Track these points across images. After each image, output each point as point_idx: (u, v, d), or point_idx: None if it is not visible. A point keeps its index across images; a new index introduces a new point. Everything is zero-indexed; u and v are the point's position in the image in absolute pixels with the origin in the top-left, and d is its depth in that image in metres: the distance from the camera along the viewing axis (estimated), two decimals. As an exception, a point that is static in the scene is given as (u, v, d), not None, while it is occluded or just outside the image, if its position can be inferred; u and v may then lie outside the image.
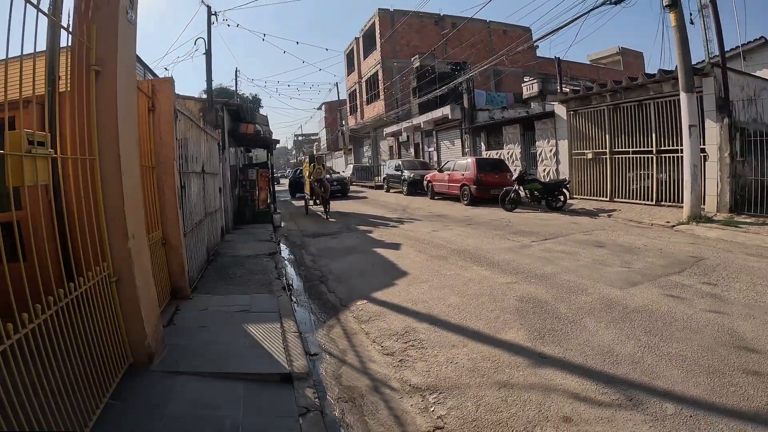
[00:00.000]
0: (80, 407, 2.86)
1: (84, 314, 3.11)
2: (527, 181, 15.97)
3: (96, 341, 3.27)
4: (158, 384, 3.77)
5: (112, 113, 3.68)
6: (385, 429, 3.43)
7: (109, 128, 3.67)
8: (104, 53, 3.64)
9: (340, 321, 5.79)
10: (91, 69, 3.55)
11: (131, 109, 4.11)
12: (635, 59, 44.81)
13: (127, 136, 3.86)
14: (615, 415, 3.34)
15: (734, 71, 13.58)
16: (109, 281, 3.64)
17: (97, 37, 3.59)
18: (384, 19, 38.73)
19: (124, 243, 3.76)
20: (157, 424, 3.22)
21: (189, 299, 6.11)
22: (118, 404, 3.36)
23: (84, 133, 3.43)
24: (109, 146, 3.68)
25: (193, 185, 7.53)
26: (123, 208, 3.73)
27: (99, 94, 3.63)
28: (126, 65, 3.90)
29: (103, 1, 3.64)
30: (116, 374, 3.60)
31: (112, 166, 3.69)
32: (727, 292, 5.89)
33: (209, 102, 13.66)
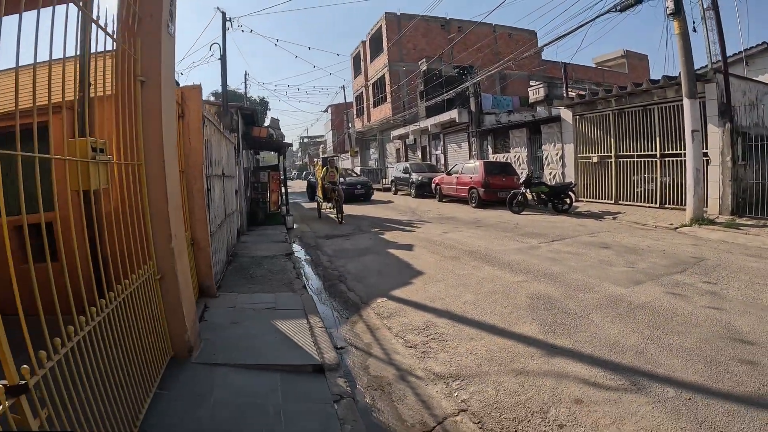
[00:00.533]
0: (133, 396, 3.09)
1: (134, 310, 3.35)
2: (534, 184, 16.20)
3: (144, 335, 3.51)
4: (200, 375, 4.04)
5: (156, 121, 3.95)
6: (413, 412, 3.71)
7: (155, 135, 3.94)
8: (148, 64, 3.90)
9: (362, 317, 6.06)
10: (137, 79, 3.81)
11: (172, 116, 4.38)
12: (640, 62, 44.79)
13: (169, 142, 4.13)
14: (621, 397, 3.65)
15: (736, 77, 13.78)
16: (154, 279, 3.89)
17: (142, 49, 3.85)
18: (391, 23, 38.91)
19: (167, 243, 4.03)
20: (204, 410, 3.49)
21: (216, 297, 6.38)
22: (165, 393, 3.62)
23: (129, 140, 3.64)
24: (155, 152, 3.94)
25: (216, 188, 7.81)
26: (167, 210, 3.99)
27: (144, 103, 3.88)
28: (167, 76, 4.16)
29: (147, 15, 3.89)
30: (161, 366, 3.85)
31: (157, 171, 3.95)
32: (726, 290, 6.15)
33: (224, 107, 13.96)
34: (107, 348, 2.80)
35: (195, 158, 6.09)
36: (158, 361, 3.80)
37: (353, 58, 49.62)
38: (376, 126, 42.88)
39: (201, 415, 3.42)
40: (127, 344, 3.13)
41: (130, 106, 3.65)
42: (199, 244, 6.20)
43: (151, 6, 3.91)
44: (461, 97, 27.28)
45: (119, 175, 3.52)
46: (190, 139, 6.06)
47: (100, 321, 2.75)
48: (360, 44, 46.37)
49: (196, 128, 6.13)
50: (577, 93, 19.05)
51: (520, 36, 40.61)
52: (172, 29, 4.25)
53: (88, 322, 2.61)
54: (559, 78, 27.42)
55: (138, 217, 3.66)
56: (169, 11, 4.18)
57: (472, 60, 33.88)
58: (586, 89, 20.86)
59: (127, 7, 3.62)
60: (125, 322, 3.15)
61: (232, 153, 11.33)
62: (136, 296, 3.42)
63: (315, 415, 3.56)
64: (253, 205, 15.77)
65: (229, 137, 10.68)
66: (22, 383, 1.90)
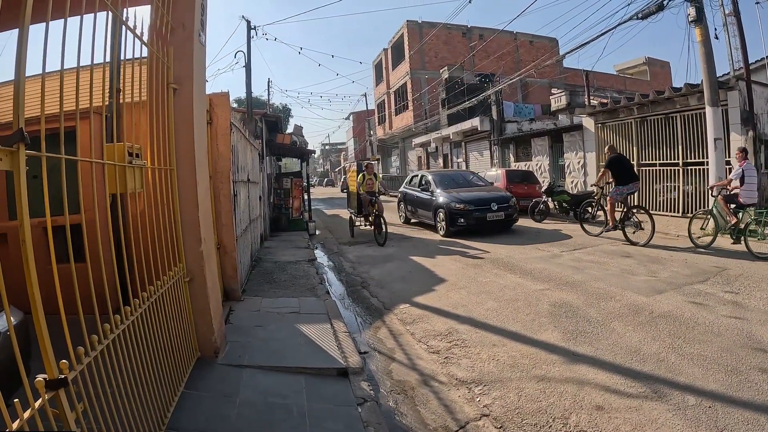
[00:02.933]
0: (162, 395, 3.18)
1: (164, 310, 3.44)
2: (556, 192, 16.16)
3: (173, 335, 3.60)
4: (226, 375, 4.13)
5: (188, 128, 4.06)
6: (436, 416, 3.76)
7: (186, 141, 4.05)
8: (180, 72, 4.02)
9: (385, 323, 6.13)
10: (170, 86, 3.92)
11: (203, 123, 4.49)
12: (662, 69, 44.39)
13: (200, 148, 4.24)
14: (642, 404, 3.66)
15: (759, 84, 13.66)
16: (183, 281, 3.99)
17: (174, 57, 3.96)
18: (412, 31, 39.13)
19: (197, 246, 4.13)
20: (231, 409, 3.57)
21: (240, 301, 6.48)
22: (193, 393, 3.71)
23: (162, 146, 3.73)
24: (187, 158, 4.05)
25: (242, 193, 7.94)
26: (197, 214, 4.10)
27: (176, 109, 3.99)
28: (199, 84, 4.27)
29: (179, 24, 4.01)
30: (188, 366, 3.94)
31: (189, 176, 4.06)
32: (748, 300, 6.11)
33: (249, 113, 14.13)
34: (138, 347, 2.88)
35: (222, 164, 6.21)
36: (186, 362, 3.88)
37: (375, 66, 49.93)
38: (398, 134, 43.05)
39: (228, 414, 3.50)
40: (156, 344, 3.21)
41: (163, 113, 3.74)
42: (226, 248, 6.31)
43: (183, 16, 4.03)
44: (483, 105, 27.29)
45: (152, 179, 3.60)
46: (218, 145, 6.18)
47: (133, 320, 2.84)
48: (381, 52, 46.67)
49: (224, 134, 6.25)
50: (599, 101, 19.00)
51: (542, 44, 40.64)
52: (203, 38, 4.37)
53: (122, 321, 2.69)
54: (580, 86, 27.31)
55: (169, 220, 3.75)
56: (201, 21, 4.30)
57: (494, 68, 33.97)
58: (608, 97, 20.77)
59: (161, 16, 3.72)
60: (155, 322, 3.23)
61: (257, 159, 11.50)
62: (166, 297, 3.51)
63: (339, 417, 3.63)
64: (276, 211, 15.93)
65: (254, 143, 10.84)
66: (62, 377, 1.98)
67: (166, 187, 3.78)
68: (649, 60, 44.26)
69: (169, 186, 3.84)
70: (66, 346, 2.09)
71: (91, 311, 2.34)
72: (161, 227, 3.54)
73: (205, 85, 4.68)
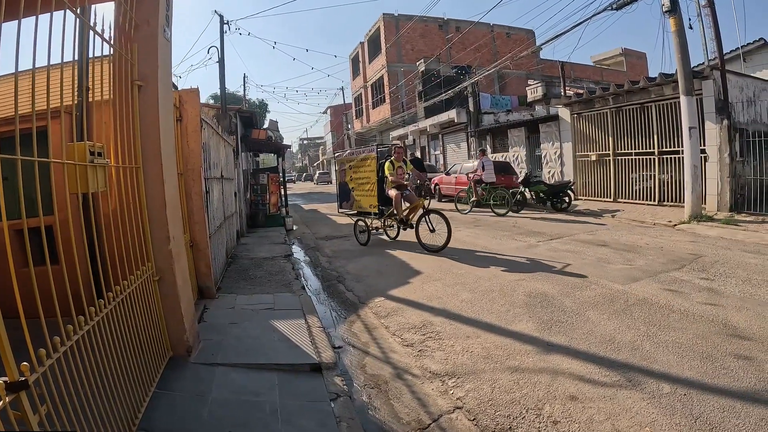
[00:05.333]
0: (132, 395, 3.14)
1: (132, 311, 3.39)
2: (533, 183, 16.28)
3: (143, 335, 3.56)
4: (199, 374, 4.09)
5: (154, 125, 4.01)
6: (409, 410, 3.75)
7: (153, 139, 3.99)
8: (145, 69, 3.96)
9: (360, 317, 6.11)
10: (134, 84, 3.86)
11: (170, 120, 4.44)
12: (638, 60, 44.87)
13: (167, 146, 4.18)
14: (616, 393, 3.68)
15: (733, 73, 13.86)
16: (152, 280, 3.95)
17: (139, 54, 3.90)
18: (389, 24, 39.06)
19: (165, 245, 4.08)
20: (203, 408, 3.54)
21: (215, 299, 6.43)
22: (165, 392, 3.67)
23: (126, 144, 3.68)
24: (153, 155, 3.99)
25: (215, 190, 7.86)
26: (165, 212, 4.05)
27: (142, 107, 3.93)
28: (164, 80, 4.22)
29: (144, 21, 3.95)
30: (160, 366, 3.90)
31: (156, 174, 4.00)
32: (724, 286, 6.19)
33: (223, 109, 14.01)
34: (106, 348, 2.84)
35: (193, 161, 6.15)
36: (157, 361, 3.85)
37: (351, 59, 49.82)
38: (375, 127, 43.03)
39: (199, 414, 3.47)
40: (125, 344, 3.17)
41: (128, 111, 3.69)
42: (198, 245, 6.26)
43: (147, 12, 3.97)
44: (459, 97, 27.38)
45: (117, 178, 3.55)
46: (189, 142, 6.12)
47: (99, 321, 2.80)
48: (358, 46, 46.58)
49: (194, 131, 6.18)
50: (574, 92, 19.13)
51: (518, 35, 40.86)
52: (168, 34, 4.31)
53: (86, 321, 2.66)
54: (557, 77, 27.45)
55: (136, 219, 3.71)
56: (166, 16, 4.23)
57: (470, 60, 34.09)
58: (584, 88, 20.91)
59: (124, 13, 3.67)
60: (124, 323, 3.19)
61: (231, 155, 11.40)
62: (134, 297, 3.47)
63: (312, 413, 3.62)
64: (253, 207, 15.84)
65: (228, 140, 10.75)
66: (22, 380, 1.95)
67: (133, 186, 3.73)
68: (625, 51, 44.70)
69: (135, 184, 3.79)
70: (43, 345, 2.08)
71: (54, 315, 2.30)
72: (128, 226, 3.49)
73: (171, 82, 4.62)
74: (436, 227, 9.36)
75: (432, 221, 9.47)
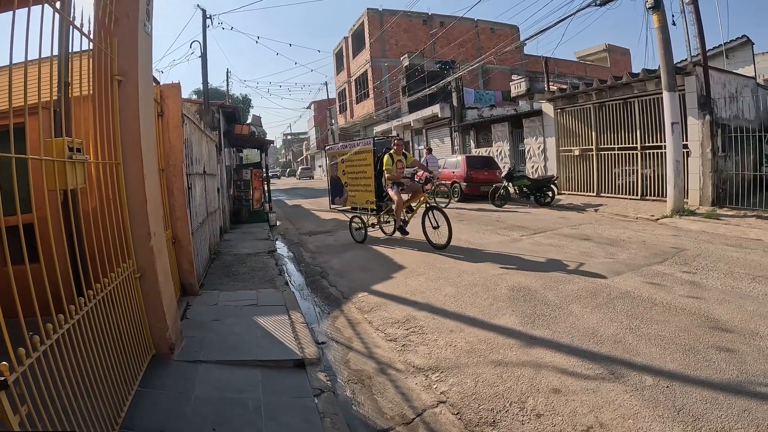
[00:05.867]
0: (114, 395, 3.11)
1: (113, 309, 3.36)
2: (516, 177, 16.33)
3: (125, 333, 3.53)
4: (182, 372, 4.07)
5: (134, 120, 3.96)
6: (393, 405, 3.76)
7: (133, 135, 3.95)
8: (125, 64, 3.90)
9: (343, 312, 6.11)
10: (114, 78, 3.81)
11: (150, 115, 4.39)
12: (622, 56, 45.26)
13: (147, 141, 4.14)
14: (599, 386, 3.71)
15: (716, 69, 14.03)
16: (133, 277, 3.91)
17: (119, 49, 3.85)
18: (373, 19, 38.99)
19: (146, 241, 4.04)
20: (187, 407, 3.51)
21: (198, 295, 6.39)
22: (148, 391, 3.64)
23: (106, 140, 3.65)
24: (133, 151, 3.95)
25: (197, 186, 7.81)
26: (146, 208, 4.00)
27: (122, 102, 3.88)
28: (145, 74, 4.17)
29: (124, 15, 3.89)
30: (142, 364, 3.87)
31: (136, 170, 3.96)
32: (705, 279, 6.27)
33: (205, 104, 13.91)
34: (87, 346, 2.81)
35: (175, 157, 6.10)
36: (140, 359, 3.81)
37: (336, 54, 49.69)
38: (359, 122, 42.98)
39: (183, 411, 3.44)
40: (107, 342, 3.13)
41: (107, 106, 3.65)
42: (181, 242, 6.21)
43: (127, 6, 3.91)
44: (443, 93, 27.39)
45: (97, 174, 3.51)
46: (170, 138, 6.07)
47: (79, 319, 2.77)
48: (342, 40, 46.49)
49: (175, 126, 6.13)
50: (558, 87, 19.20)
51: (502, 31, 40.92)
52: (149, 28, 4.26)
53: (66, 320, 2.62)
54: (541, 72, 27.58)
55: (116, 216, 3.67)
56: (146, 10, 4.18)
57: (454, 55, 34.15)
58: (567, 83, 21.03)
59: (104, 7, 3.62)
60: (105, 320, 3.15)
61: (214, 151, 11.33)
62: (115, 294, 3.43)
63: (296, 409, 3.61)
64: (236, 203, 15.76)
65: (211, 135, 10.68)
66: (2, 380, 1.93)
67: (113, 182, 3.69)
68: (609, 47, 45.12)
69: (115, 181, 3.75)
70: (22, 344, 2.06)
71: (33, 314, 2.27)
72: (108, 223, 3.45)
73: (151, 76, 4.58)
74: (438, 224, 9.05)
75: (434, 218, 9.14)
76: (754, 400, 3.34)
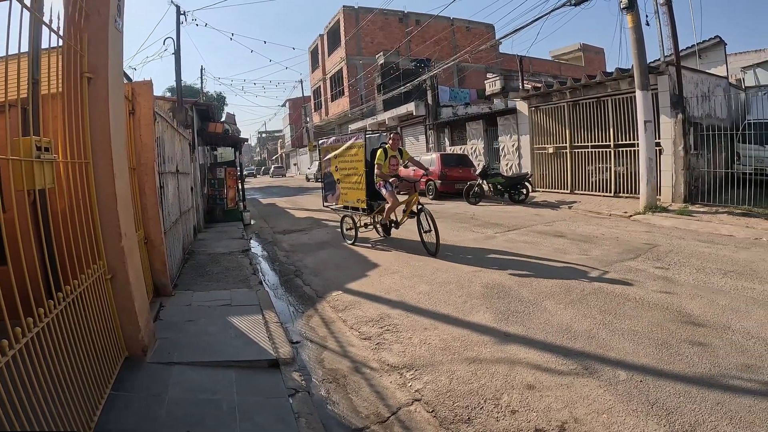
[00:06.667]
0: (86, 399, 3.06)
1: (84, 311, 3.30)
2: (490, 175, 16.45)
3: (96, 336, 3.47)
4: (155, 374, 4.02)
5: (104, 119, 3.89)
6: (368, 404, 3.76)
7: (102, 133, 3.88)
8: (95, 61, 3.83)
9: (317, 311, 6.10)
10: (84, 76, 3.75)
11: (120, 113, 4.32)
12: (596, 55, 45.75)
13: (118, 140, 4.07)
14: (573, 381, 3.76)
15: (689, 69, 14.28)
16: (104, 279, 3.84)
17: (89, 45, 3.79)
18: (348, 17, 38.94)
19: (117, 242, 3.97)
20: (160, 409, 3.47)
21: (172, 296, 6.31)
22: (121, 394, 3.59)
23: (75, 138, 3.58)
24: (103, 150, 3.88)
25: (170, 185, 7.71)
26: (116, 208, 3.94)
27: (91, 100, 3.81)
28: (115, 72, 4.10)
29: (94, 10, 3.82)
30: (115, 367, 3.81)
31: (106, 169, 3.89)
32: (678, 275, 6.38)
33: (179, 102, 13.75)
34: (57, 349, 2.77)
35: (147, 155, 6.01)
36: (112, 362, 3.76)
37: (311, 52, 49.58)
38: (334, 120, 42.93)
39: (157, 414, 3.40)
40: (78, 345, 3.09)
41: (77, 104, 3.58)
42: (153, 242, 6.13)
43: (98, 1, 3.85)
44: (418, 90, 27.45)
45: (66, 174, 3.46)
46: (141, 136, 5.98)
47: (49, 322, 2.72)
48: (318, 38, 46.42)
49: (147, 124, 6.05)
50: (532, 85, 19.37)
51: (479, 30, 41.12)
52: (120, 24, 4.19)
53: (36, 323, 2.58)
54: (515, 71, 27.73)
55: (86, 216, 3.61)
56: (117, 6, 4.12)
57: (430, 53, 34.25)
58: (542, 82, 21.20)
59: (74, 2, 3.56)
60: (75, 323, 3.10)
61: (187, 149, 11.20)
62: (86, 296, 3.37)
63: (270, 409, 3.59)
64: (211, 202, 15.59)
65: (184, 133, 10.56)
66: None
67: (82, 182, 3.63)
68: (583, 46, 45.58)
69: (85, 180, 3.69)
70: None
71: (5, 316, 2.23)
72: (77, 223, 3.40)
73: (122, 74, 4.51)
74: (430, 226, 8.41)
75: (427, 220, 8.49)
76: (727, 393, 3.41)
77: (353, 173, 10.36)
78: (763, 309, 5.01)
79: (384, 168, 9.02)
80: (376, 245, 9.70)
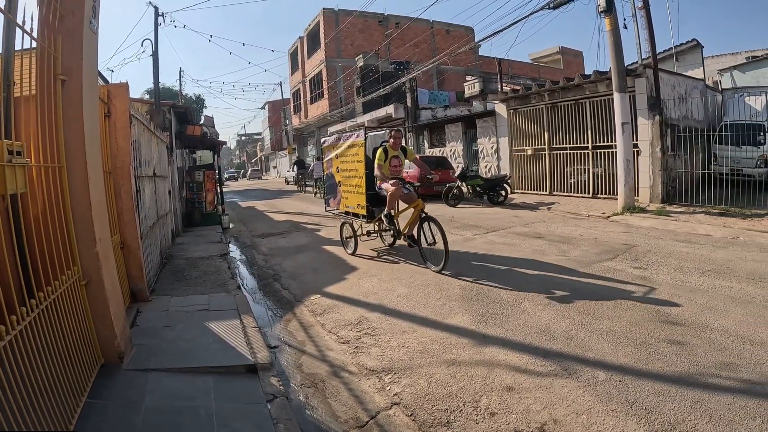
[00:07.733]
0: (61, 408, 3.01)
1: (58, 317, 3.25)
2: (469, 177, 16.51)
3: (71, 343, 3.42)
4: (132, 381, 3.96)
5: (78, 122, 3.84)
6: (347, 408, 3.75)
7: (76, 136, 3.82)
8: (70, 62, 3.77)
9: (296, 315, 6.06)
10: (58, 78, 3.69)
11: (95, 116, 4.26)
12: (575, 58, 46.22)
13: (92, 143, 4.02)
14: (552, 383, 3.77)
15: (666, 72, 14.51)
16: (79, 284, 3.79)
17: (63, 47, 3.73)
18: (328, 19, 38.93)
19: (92, 247, 3.92)
20: (137, 416, 3.42)
21: (149, 301, 6.24)
22: (97, 402, 3.53)
23: (49, 142, 3.52)
24: (77, 154, 3.82)
25: (147, 189, 7.64)
26: (90, 213, 3.88)
27: (65, 102, 3.75)
28: (90, 74, 4.04)
29: (68, 12, 3.76)
30: (91, 374, 3.74)
31: (80, 173, 3.83)
32: (656, 274, 6.46)
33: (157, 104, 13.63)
34: (31, 357, 2.72)
35: (122, 159, 5.95)
36: (88, 369, 3.70)
37: (290, 54, 49.51)
38: (314, 122, 42.91)
39: (132, 423, 3.35)
40: (52, 353, 3.05)
41: (50, 107, 3.53)
42: (130, 247, 6.06)
43: (73, 2, 3.79)
44: (398, 93, 27.51)
45: (39, 178, 3.41)
46: (117, 139, 5.91)
47: (22, 330, 2.68)
48: (297, 40, 46.37)
49: (123, 127, 5.98)
50: (511, 88, 19.49)
51: (458, 32, 41.32)
52: (95, 25, 4.14)
53: (8, 331, 2.53)
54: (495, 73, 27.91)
55: (60, 221, 3.56)
56: (92, 7, 4.07)
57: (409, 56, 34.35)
58: (520, 84, 21.35)
59: (48, 3, 3.51)
60: (50, 330, 3.06)
61: (165, 152, 11.10)
62: (60, 302, 3.33)
63: (248, 415, 3.56)
64: (189, 206, 15.43)
65: (161, 136, 10.45)
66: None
67: (56, 186, 3.57)
68: (562, 49, 46.07)
69: (58, 184, 3.64)
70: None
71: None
72: (50, 228, 3.35)
73: (97, 76, 4.45)
74: (435, 237, 7.34)
75: (431, 231, 7.43)
76: (706, 392, 3.44)
77: (354, 175, 9.41)
78: (740, 307, 5.08)
79: (384, 170, 8.33)
80: (383, 255, 8.99)
